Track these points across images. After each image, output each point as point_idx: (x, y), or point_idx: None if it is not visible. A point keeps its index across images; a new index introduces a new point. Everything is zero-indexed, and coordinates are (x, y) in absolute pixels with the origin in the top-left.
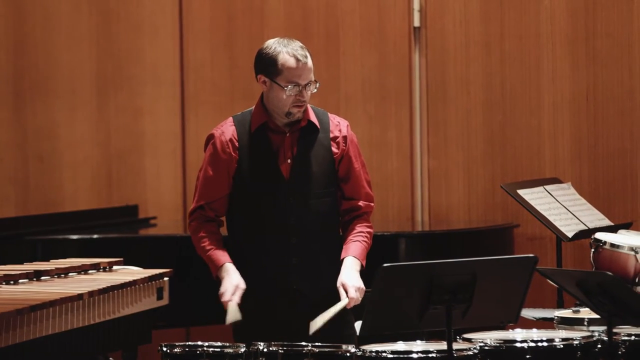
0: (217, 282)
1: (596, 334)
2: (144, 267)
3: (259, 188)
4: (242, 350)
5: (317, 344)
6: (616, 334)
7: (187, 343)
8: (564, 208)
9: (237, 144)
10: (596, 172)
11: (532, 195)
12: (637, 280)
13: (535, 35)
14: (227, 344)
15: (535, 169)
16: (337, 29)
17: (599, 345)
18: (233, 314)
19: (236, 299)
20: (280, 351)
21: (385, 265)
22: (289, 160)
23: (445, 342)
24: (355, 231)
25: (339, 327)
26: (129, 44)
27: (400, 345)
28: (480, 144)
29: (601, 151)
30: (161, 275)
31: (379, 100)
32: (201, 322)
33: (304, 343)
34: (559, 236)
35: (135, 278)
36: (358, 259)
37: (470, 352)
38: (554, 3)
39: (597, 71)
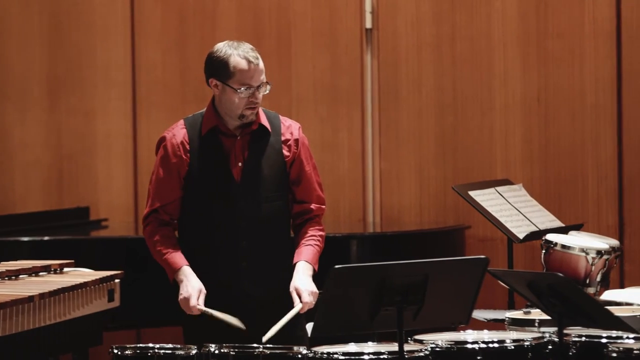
0: (174, 285)
1: (547, 335)
2: (95, 269)
3: (209, 191)
4: (194, 352)
5: (268, 345)
6: (567, 335)
7: (138, 345)
8: (515, 209)
9: (188, 147)
10: (547, 174)
11: (484, 197)
12: (587, 281)
13: (487, 36)
14: (179, 346)
15: (486, 170)
16: (289, 30)
17: (550, 346)
18: (230, 319)
19: (202, 302)
20: (231, 353)
21: (336, 266)
22: (240, 164)
23: (396, 344)
24: (307, 235)
25: (290, 329)
26: (80, 45)
27: (352, 347)
28: (432, 146)
29: (552, 152)
30: (112, 277)
31: (330, 101)
32: (152, 324)
33: (255, 345)
34: (510, 237)
35: (86, 280)
36: (310, 264)
37: (422, 354)
38: (505, 5)
39: (549, 72)
